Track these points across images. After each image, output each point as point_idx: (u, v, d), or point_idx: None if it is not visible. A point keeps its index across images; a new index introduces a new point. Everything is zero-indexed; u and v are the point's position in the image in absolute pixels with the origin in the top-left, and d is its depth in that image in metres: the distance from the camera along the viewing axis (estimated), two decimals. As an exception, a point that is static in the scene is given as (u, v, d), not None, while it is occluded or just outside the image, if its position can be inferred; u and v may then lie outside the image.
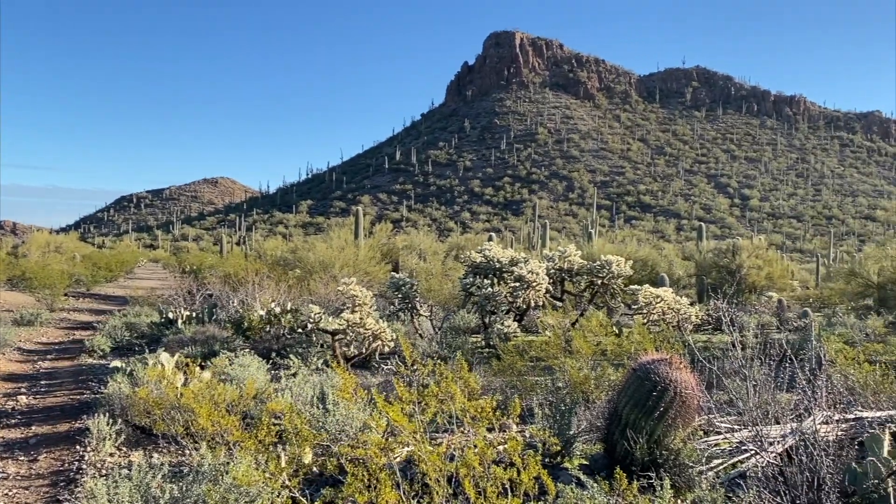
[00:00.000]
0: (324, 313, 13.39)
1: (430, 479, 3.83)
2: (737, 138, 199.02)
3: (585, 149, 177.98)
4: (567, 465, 6.63)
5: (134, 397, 8.16)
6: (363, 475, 3.82)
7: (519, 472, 3.80)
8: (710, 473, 6.14)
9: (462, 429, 4.71)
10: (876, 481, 5.14)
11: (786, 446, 6.36)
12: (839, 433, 7.41)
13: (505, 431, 8.02)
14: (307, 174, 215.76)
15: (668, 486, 5.06)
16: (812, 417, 6.32)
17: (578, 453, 7.01)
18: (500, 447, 5.78)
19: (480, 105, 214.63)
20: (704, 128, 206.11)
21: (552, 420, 7.00)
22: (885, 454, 5.73)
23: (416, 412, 4.40)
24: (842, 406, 7.23)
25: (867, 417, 7.76)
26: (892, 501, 5.45)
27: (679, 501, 5.68)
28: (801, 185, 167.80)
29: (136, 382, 9.03)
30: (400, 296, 16.30)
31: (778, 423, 6.76)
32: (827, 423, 7.36)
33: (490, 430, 7.67)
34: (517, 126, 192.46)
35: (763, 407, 6.37)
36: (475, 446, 4.21)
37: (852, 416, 7.85)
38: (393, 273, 18.87)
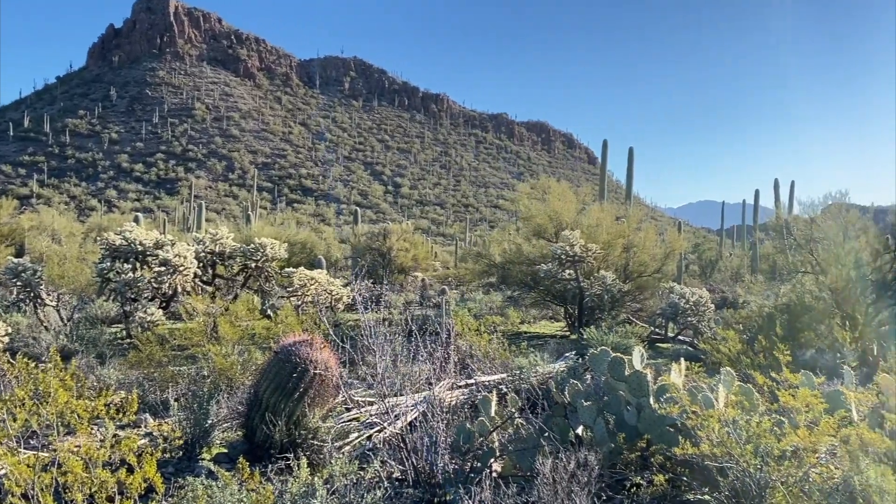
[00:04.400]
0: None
1: (14, 497, 3.32)
2: (390, 129, 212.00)
3: (246, 129, 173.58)
4: (205, 455, 6.38)
5: None
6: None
7: (132, 472, 3.50)
8: (346, 448, 6.41)
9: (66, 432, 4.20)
10: (482, 438, 5.86)
11: (416, 415, 6.92)
12: (461, 398, 8.32)
13: (139, 427, 7.45)
14: None
15: (305, 465, 5.14)
16: (436, 386, 6.96)
17: (218, 442, 6.79)
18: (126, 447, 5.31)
19: (129, 73, 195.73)
20: (361, 117, 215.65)
21: (190, 411, 6.66)
22: (493, 413, 6.57)
23: (6, 419, 3.78)
24: (455, 373, 8.08)
25: (483, 382, 8.85)
26: (498, 453, 6.28)
27: (316, 478, 5.82)
28: (444, 175, 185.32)
29: None
30: (20, 283, 14.15)
31: (411, 393, 7.33)
32: (451, 389, 8.22)
33: (122, 427, 7.05)
34: (172, 99, 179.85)
35: (396, 379, 6.84)
36: (76, 450, 3.77)
37: (472, 382, 8.88)
38: (11, 258, 16.28)
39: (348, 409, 7.84)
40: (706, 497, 5.15)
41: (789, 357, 6.58)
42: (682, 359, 6.87)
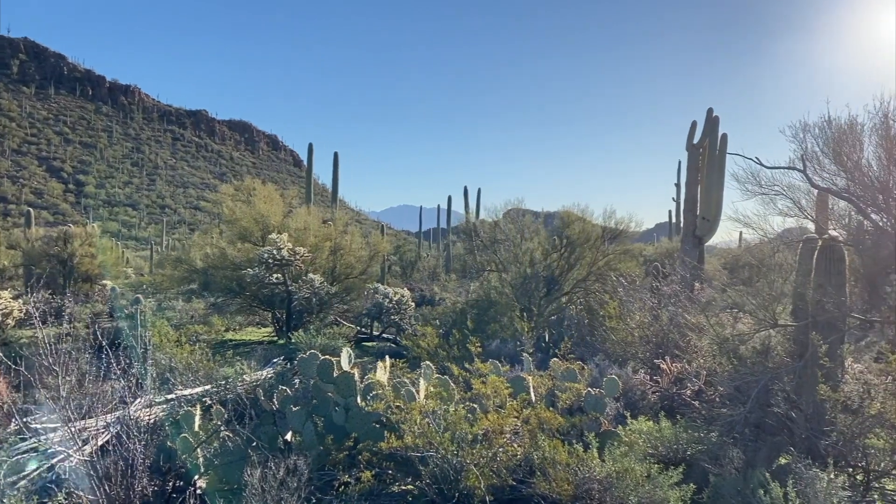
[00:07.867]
0: None
1: None
2: (71, 121, 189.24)
3: None
4: None
5: None
6: None
7: None
8: (22, 483, 5.61)
9: None
10: (186, 455, 5.54)
11: (107, 438, 6.29)
12: (161, 415, 7.76)
13: None
14: None
15: (-34, 512, 4.40)
16: (131, 404, 6.41)
17: None
18: None
19: None
20: (34, 106, 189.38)
21: None
22: (197, 428, 6.25)
23: None
24: (154, 389, 7.56)
25: (185, 396, 8.35)
26: (203, 469, 5.98)
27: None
28: (136, 174, 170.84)
29: None
30: None
31: (101, 415, 6.65)
32: (149, 406, 7.62)
33: None
34: None
35: (82, 401, 6.15)
36: None
37: (173, 396, 8.33)
38: None
39: (25, 439, 6.87)
40: (410, 487, 5.47)
41: (480, 348, 7.26)
42: (386, 356, 7.20)
